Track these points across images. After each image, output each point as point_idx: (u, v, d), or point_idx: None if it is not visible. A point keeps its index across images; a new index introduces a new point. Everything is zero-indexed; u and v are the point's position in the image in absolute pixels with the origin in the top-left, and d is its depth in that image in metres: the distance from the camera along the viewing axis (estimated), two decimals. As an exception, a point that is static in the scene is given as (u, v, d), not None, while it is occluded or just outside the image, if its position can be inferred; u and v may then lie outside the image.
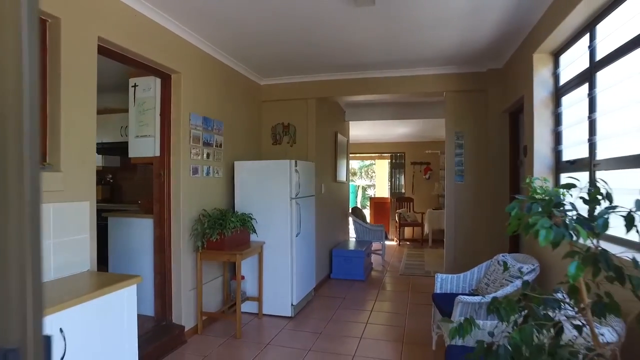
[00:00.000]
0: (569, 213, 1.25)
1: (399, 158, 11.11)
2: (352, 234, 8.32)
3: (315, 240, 5.38)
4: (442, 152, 8.18)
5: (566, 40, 3.32)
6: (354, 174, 17.74)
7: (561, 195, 1.33)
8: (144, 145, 3.90)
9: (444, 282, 3.68)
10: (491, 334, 1.48)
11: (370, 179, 18.09)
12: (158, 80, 3.83)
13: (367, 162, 17.12)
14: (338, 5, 3.35)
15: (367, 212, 11.47)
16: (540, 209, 1.20)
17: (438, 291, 3.67)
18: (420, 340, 3.85)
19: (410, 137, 10.32)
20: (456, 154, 5.11)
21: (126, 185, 6.21)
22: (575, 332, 1.37)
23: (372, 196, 14.15)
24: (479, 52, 4.55)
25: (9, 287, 0.48)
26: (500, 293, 2.97)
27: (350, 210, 8.52)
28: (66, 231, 2.56)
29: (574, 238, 1.21)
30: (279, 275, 4.51)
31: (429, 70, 5.17)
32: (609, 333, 1.64)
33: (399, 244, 9.97)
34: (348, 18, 3.60)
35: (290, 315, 4.50)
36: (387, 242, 9.59)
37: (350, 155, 8.60)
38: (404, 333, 4.09)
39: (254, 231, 4.38)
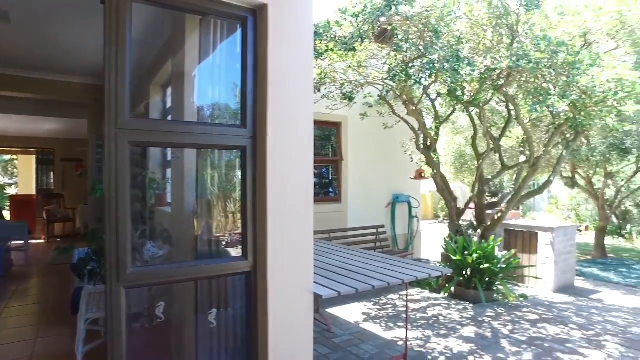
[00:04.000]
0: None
1: (48, 154, 10.80)
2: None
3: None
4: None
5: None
6: (-11, 170, 15.16)
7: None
8: None
9: (80, 252, 4.70)
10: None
11: (11, 177, 15.94)
12: None
13: (7, 157, 15.05)
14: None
15: (8, 214, 10.49)
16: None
17: (75, 262, 4.65)
18: (61, 298, 4.72)
19: (60, 133, 10.28)
20: (98, 152, 6.14)
21: None
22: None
23: (14, 194, 12.78)
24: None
25: None
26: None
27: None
28: None
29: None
30: None
31: (75, 78, 5.93)
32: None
33: (47, 241, 9.83)
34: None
35: None
36: (33, 241, 9.30)
37: (-16, 149, 7.94)
38: (48, 298, 4.84)
39: None
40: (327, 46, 4.33)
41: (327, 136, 7.30)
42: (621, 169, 9.88)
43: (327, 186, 7.32)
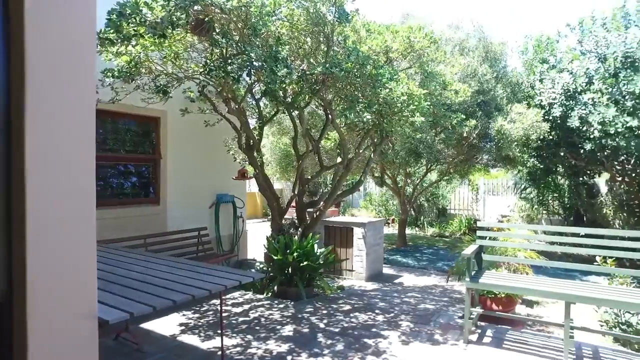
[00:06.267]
0: None
1: None
2: None
3: None
4: None
5: None
6: None
7: None
8: None
9: None
10: None
11: None
12: None
13: None
14: None
15: None
16: None
17: None
18: None
19: None
20: None
21: None
22: None
23: None
24: None
25: None
26: None
27: None
28: None
29: None
30: None
31: None
32: None
33: None
34: None
35: None
36: None
37: None
38: None
39: None
40: (135, 30, 3.82)
41: (146, 132, 6.61)
42: (416, 170, 11.73)
43: (145, 187, 6.62)
